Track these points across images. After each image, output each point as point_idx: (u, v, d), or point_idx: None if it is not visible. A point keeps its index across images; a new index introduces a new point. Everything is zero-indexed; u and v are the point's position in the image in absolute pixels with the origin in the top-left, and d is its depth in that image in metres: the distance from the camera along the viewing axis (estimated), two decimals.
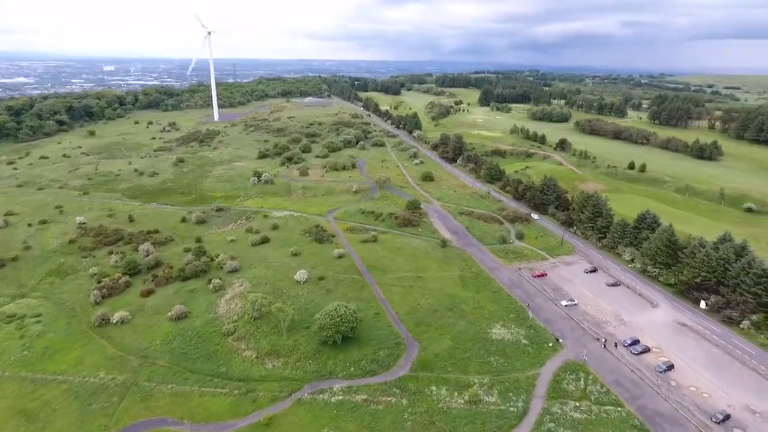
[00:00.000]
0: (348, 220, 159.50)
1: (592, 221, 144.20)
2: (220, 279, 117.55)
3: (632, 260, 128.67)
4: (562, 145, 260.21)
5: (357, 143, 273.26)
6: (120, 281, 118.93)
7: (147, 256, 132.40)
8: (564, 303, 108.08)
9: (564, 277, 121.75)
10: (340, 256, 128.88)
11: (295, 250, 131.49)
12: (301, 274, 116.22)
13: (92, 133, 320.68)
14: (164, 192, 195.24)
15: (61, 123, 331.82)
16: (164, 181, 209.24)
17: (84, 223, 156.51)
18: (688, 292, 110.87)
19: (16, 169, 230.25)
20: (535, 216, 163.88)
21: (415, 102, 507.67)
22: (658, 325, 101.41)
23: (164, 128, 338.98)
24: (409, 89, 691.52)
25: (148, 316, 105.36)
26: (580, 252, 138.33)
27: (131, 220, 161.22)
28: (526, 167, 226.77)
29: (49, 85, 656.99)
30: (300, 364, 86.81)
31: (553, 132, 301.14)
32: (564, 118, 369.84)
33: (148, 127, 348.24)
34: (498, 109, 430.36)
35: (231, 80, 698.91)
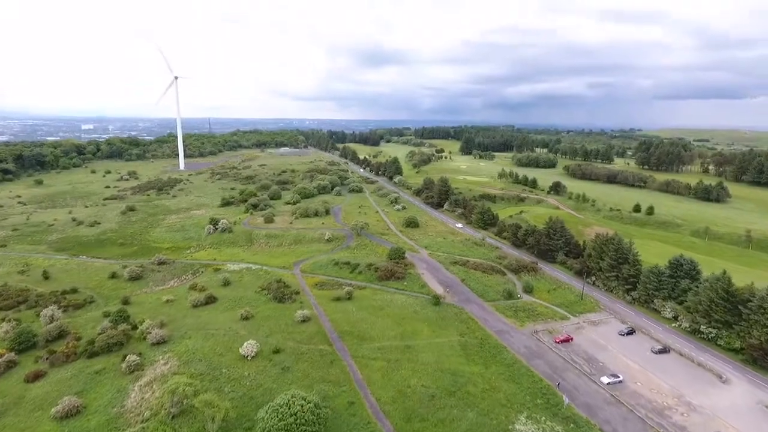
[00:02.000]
0: (318, 273, 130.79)
1: (614, 269, 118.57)
2: (140, 355, 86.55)
3: (676, 318, 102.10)
4: (556, 189, 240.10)
5: (332, 189, 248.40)
6: (1, 360, 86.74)
7: (50, 323, 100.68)
8: (606, 380, 79.62)
9: (595, 342, 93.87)
10: (305, 320, 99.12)
11: (246, 313, 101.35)
12: (249, 347, 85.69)
13: (39, 183, 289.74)
14: (100, 243, 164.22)
15: (6, 172, 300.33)
16: (104, 231, 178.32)
17: None
18: (763, 359, 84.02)
19: None
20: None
21: (394, 152, 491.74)
22: (739, 409, 73.41)
23: (122, 177, 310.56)
24: (388, 141, 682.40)
25: (25, 412, 73.13)
26: (606, 308, 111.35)
27: (46, 277, 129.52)
28: (521, 212, 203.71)
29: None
30: None
31: (542, 177, 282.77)
32: (551, 164, 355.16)
33: (104, 176, 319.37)
34: (481, 156, 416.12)
35: (205, 131, 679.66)
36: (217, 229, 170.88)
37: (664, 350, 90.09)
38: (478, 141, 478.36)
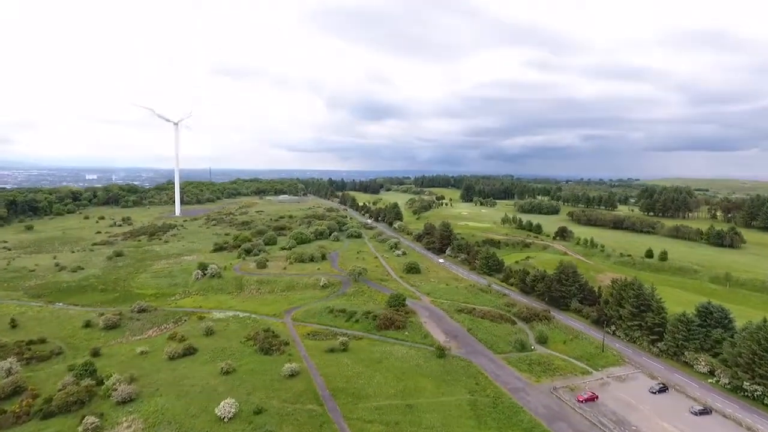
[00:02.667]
0: (310, 322, 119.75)
1: (636, 318, 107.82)
2: (101, 416, 74.96)
3: (712, 373, 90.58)
4: (562, 234, 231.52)
5: (330, 234, 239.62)
6: None
7: (7, 376, 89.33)
8: None
9: (624, 402, 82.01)
10: (293, 374, 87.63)
11: (227, 366, 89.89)
12: (226, 407, 74.00)
13: (30, 228, 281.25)
14: (80, 290, 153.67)
15: None
16: (87, 277, 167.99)
17: None
18: None
19: None
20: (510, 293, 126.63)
21: (394, 199, 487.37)
22: None
23: (115, 223, 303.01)
24: (388, 189, 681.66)
25: None
26: (631, 361, 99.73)
27: (13, 326, 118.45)
28: (527, 257, 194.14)
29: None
30: None
31: (546, 223, 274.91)
32: (554, 210, 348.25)
33: (98, 222, 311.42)
34: (482, 203, 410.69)
35: (205, 180, 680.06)
36: (205, 274, 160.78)
37: (706, 411, 78.20)
38: (479, 188, 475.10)
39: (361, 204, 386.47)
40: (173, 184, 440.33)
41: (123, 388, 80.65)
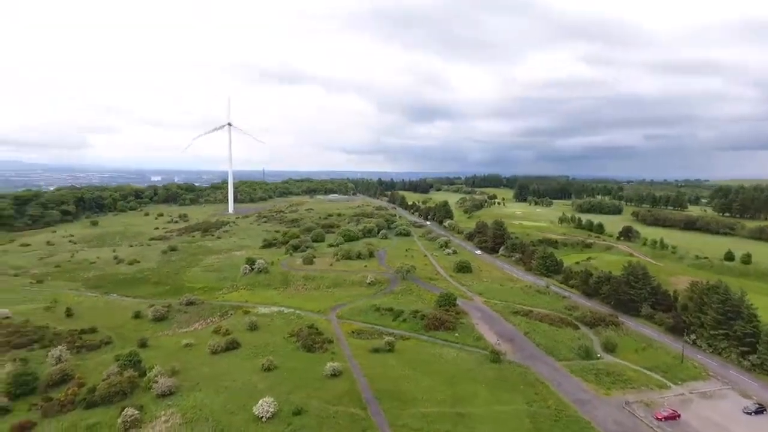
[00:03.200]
0: (356, 320, 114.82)
1: (722, 326, 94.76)
2: (141, 408, 73.06)
3: None
4: (627, 234, 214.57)
5: (378, 232, 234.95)
6: None
7: (56, 364, 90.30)
8: None
9: (714, 423, 70.70)
10: (335, 374, 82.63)
11: (269, 363, 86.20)
12: (265, 405, 69.94)
13: (95, 224, 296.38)
14: (135, 282, 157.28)
15: (66, 213, 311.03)
16: (141, 270, 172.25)
17: (8, 317, 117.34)
18: None
19: None
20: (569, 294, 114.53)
21: (444, 198, 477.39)
22: None
23: (172, 219, 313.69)
24: (438, 189, 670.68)
25: None
26: (717, 375, 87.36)
27: (69, 314, 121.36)
28: (588, 258, 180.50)
29: None
30: None
31: (608, 223, 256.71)
32: (617, 210, 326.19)
33: (156, 218, 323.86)
34: (536, 203, 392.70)
35: (258, 180, 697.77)
36: (253, 269, 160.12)
37: None
38: (533, 188, 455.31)
39: (410, 203, 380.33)
40: (228, 183, 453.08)
41: (163, 381, 78.65)
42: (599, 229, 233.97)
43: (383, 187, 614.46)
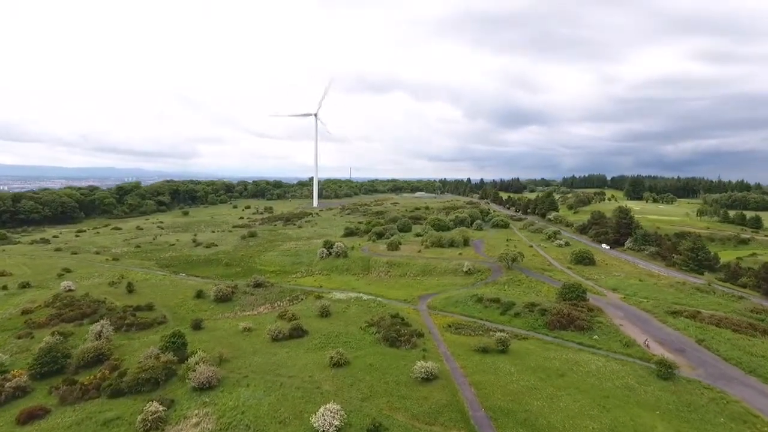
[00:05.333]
0: (451, 311, 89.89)
1: None
2: (171, 403, 54.87)
3: None
4: None
5: (472, 223, 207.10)
6: (7, 386, 61.99)
7: (98, 339, 75.97)
8: None
9: None
10: (428, 378, 58.34)
11: (338, 357, 64.07)
12: (328, 415, 47.56)
13: (186, 213, 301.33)
14: (206, 263, 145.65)
15: (161, 203, 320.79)
16: (217, 252, 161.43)
17: (71, 290, 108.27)
18: None
19: (77, 236, 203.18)
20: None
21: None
22: None
23: (258, 211, 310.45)
24: (531, 190, 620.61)
25: None
26: None
27: (130, 290, 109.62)
28: (753, 253, 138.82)
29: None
30: None
31: (764, 217, 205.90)
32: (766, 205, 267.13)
33: (243, 210, 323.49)
34: (655, 200, 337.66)
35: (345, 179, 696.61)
36: (330, 253, 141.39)
37: None
38: (649, 184, 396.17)
39: (504, 198, 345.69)
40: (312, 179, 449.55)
41: (203, 371, 59.50)
42: (755, 223, 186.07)
43: (472, 186, 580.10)
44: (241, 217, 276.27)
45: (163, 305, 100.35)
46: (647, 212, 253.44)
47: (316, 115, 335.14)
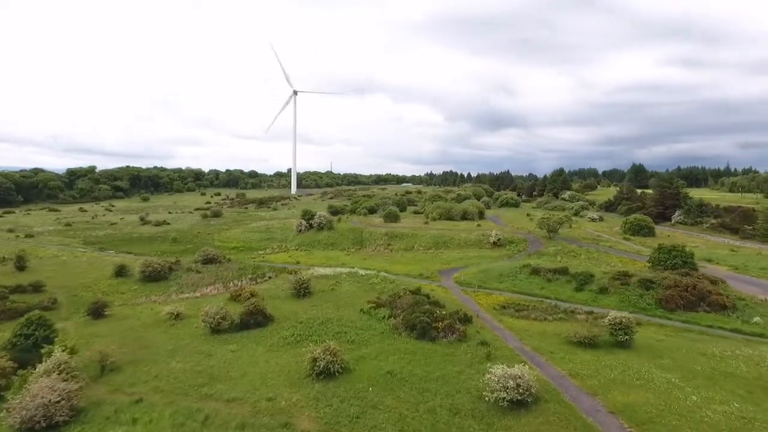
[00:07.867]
0: (497, 288, 59.28)
1: None
2: None
3: None
4: None
5: (479, 200, 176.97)
6: None
7: None
8: None
9: None
10: (523, 400, 27.03)
11: (328, 357, 32.14)
12: None
13: (146, 200, 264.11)
14: (149, 240, 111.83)
15: (118, 189, 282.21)
16: (167, 231, 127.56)
17: None
18: None
19: (1, 217, 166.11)
20: None
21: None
22: None
23: (228, 197, 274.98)
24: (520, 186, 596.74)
25: None
26: None
27: (21, 267, 75.70)
28: None
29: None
30: None
31: None
32: None
33: (212, 197, 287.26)
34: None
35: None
36: (312, 226, 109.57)
37: None
38: (652, 173, 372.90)
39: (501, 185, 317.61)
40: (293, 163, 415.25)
41: (43, 391, 27.65)
42: None
43: (463, 177, 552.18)
44: (208, 203, 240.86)
45: (61, 286, 66.95)
46: None
47: (295, 92, 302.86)
